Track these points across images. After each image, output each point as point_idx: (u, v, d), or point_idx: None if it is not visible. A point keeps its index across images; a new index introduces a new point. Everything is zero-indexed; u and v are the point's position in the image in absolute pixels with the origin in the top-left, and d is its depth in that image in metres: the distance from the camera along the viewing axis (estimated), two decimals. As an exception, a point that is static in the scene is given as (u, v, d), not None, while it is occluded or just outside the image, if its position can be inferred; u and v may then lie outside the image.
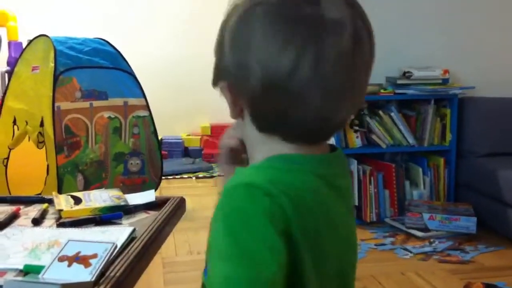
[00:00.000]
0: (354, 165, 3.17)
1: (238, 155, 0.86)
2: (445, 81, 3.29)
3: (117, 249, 0.99)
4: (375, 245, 2.88)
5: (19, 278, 0.92)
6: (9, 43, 4.37)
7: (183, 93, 5.31)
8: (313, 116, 0.65)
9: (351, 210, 0.76)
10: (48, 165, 2.77)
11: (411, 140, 3.24)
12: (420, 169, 3.30)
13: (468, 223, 2.96)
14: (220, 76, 0.70)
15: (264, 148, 0.70)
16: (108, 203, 1.30)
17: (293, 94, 0.64)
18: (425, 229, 3.00)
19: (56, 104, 2.79)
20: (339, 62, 0.63)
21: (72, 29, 4.37)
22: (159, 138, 3.52)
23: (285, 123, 0.66)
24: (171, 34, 5.29)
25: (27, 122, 2.87)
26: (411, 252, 2.78)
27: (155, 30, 5.29)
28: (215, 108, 4.80)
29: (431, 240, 2.93)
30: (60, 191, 2.64)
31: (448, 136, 3.27)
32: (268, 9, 0.64)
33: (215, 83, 0.72)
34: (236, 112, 0.71)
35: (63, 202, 1.30)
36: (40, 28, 3.69)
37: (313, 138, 0.70)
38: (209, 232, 0.66)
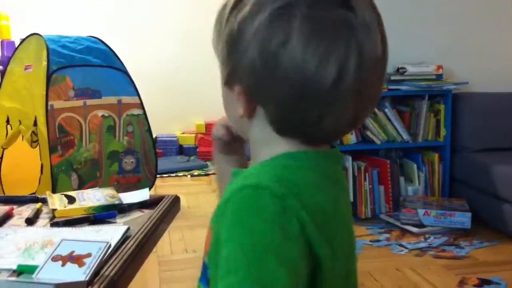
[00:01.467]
0: (349, 162, 3.18)
1: (230, 144, 0.84)
2: (438, 77, 3.29)
3: (111, 248, 0.98)
4: (370, 241, 2.88)
5: (13, 278, 0.92)
6: (2, 42, 4.35)
7: (177, 91, 5.31)
8: (346, 122, 0.64)
9: (349, 206, 0.75)
10: (42, 165, 2.76)
11: (405, 136, 3.24)
12: (415, 165, 3.31)
13: (463, 219, 2.97)
14: (237, 77, 0.64)
15: (274, 145, 0.66)
16: (102, 202, 1.30)
17: (333, 102, 0.61)
18: (420, 225, 3.01)
19: (50, 103, 2.78)
20: (375, 68, 0.62)
21: (65, 27, 4.36)
22: (154, 136, 3.51)
23: (316, 128, 0.63)
24: (166, 33, 5.28)
25: (20, 122, 2.86)
26: (406, 248, 2.78)
27: (150, 29, 5.28)
28: (210, 106, 4.80)
29: (426, 235, 2.94)
30: (54, 191, 2.63)
31: (443, 132, 3.27)
32: (305, 12, 0.58)
33: (229, 83, 0.66)
34: (247, 113, 0.65)
35: (56, 201, 1.30)
36: (33, 27, 3.66)
37: (330, 141, 0.69)
38: (208, 235, 0.63)
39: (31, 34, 3.02)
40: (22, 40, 3.08)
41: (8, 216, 1.25)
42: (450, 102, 3.25)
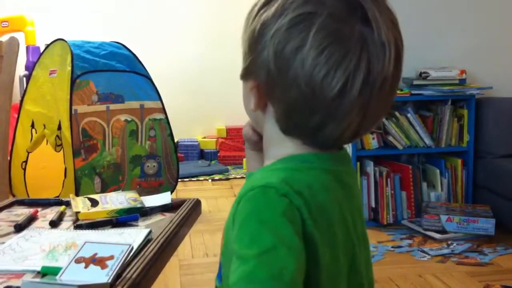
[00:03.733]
0: (370, 167, 3.16)
1: (258, 143, 0.87)
2: (462, 82, 3.26)
3: (133, 250, 0.99)
4: (392, 247, 2.86)
5: (37, 280, 0.93)
6: (27, 48, 4.43)
7: (198, 95, 5.34)
8: (349, 133, 0.66)
9: (359, 207, 0.76)
10: (65, 168, 2.80)
11: (428, 141, 3.21)
12: (438, 171, 3.27)
13: (487, 225, 2.93)
14: (252, 73, 0.68)
15: (280, 146, 0.70)
16: (125, 205, 1.31)
17: (336, 112, 0.63)
18: (443, 231, 2.98)
19: (73, 108, 2.82)
20: (383, 86, 0.64)
21: (89, 32, 4.42)
22: (175, 140, 3.53)
23: (317, 134, 0.66)
24: (187, 38, 5.31)
25: (45, 126, 2.90)
26: (428, 254, 2.75)
27: (171, 34, 5.32)
28: (231, 110, 4.83)
29: (449, 242, 2.91)
30: (77, 194, 2.66)
31: (466, 137, 3.24)
32: (324, 22, 0.61)
33: (245, 78, 0.70)
34: (260, 107, 0.70)
35: (80, 204, 1.32)
36: (58, 32, 3.72)
37: (333, 146, 0.71)
38: (223, 236, 0.67)
39: (56, 40, 3.06)
40: (47, 46, 3.13)
41: (33, 219, 1.27)
42: (474, 107, 3.21)
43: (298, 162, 0.68)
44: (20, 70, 4.31)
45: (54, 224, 1.22)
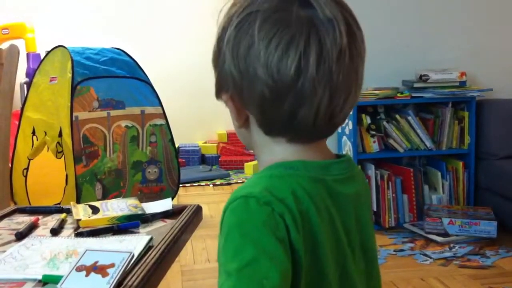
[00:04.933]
0: (371, 170, 3.16)
1: None
2: (462, 84, 3.26)
3: (134, 258, 0.99)
4: (394, 250, 2.85)
5: (38, 288, 0.93)
6: (28, 55, 4.44)
7: (199, 100, 5.33)
8: (322, 114, 0.67)
9: (359, 217, 0.74)
10: (66, 175, 2.80)
11: (429, 144, 3.21)
12: (439, 173, 3.27)
13: (489, 227, 2.93)
14: (222, 87, 0.71)
15: (268, 152, 0.72)
16: (126, 212, 1.31)
17: (302, 94, 0.65)
18: (445, 234, 2.97)
19: (74, 114, 2.82)
20: (340, 58, 0.65)
21: (89, 39, 4.42)
22: (176, 146, 3.53)
23: (293, 123, 0.67)
24: (186, 42, 5.32)
25: (46, 133, 2.91)
26: (430, 257, 2.75)
27: (171, 38, 5.33)
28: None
29: (451, 245, 2.90)
30: (78, 201, 2.66)
31: (467, 139, 3.23)
32: (264, 15, 0.65)
33: (218, 95, 0.73)
34: (242, 121, 0.73)
35: (80, 211, 1.32)
36: (58, 39, 3.73)
37: (317, 136, 0.71)
38: (218, 239, 0.67)
39: (56, 46, 3.07)
40: (48, 53, 3.14)
41: (33, 227, 1.27)
42: (474, 109, 3.21)
43: (283, 169, 0.69)
44: (21, 77, 4.32)
45: (55, 232, 1.22)
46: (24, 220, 1.33)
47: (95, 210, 1.33)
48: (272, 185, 0.65)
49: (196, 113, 5.33)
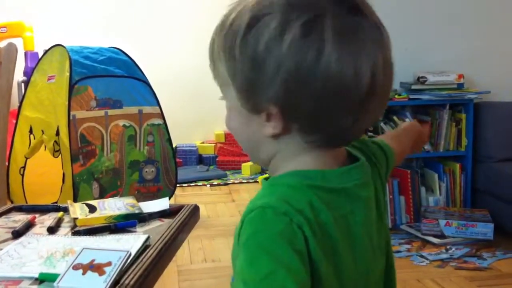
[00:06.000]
0: (369, 172, 3.15)
1: None
2: (460, 86, 3.26)
3: (131, 257, 0.99)
4: (391, 252, 2.85)
5: (35, 287, 0.93)
6: (26, 53, 4.43)
7: (196, 100, 5.33)
8: (367, 120, 0.66)
9: (380, 218, 0.74)
10: (63, 174, 2.80)
11: (426, 146, 3.22)
12: (436, 175, 3.27)
13: (485, 229, 2.93)
14: (267, 99, 0.63)
15: (297, 158, 0.68)
16: (123, 211, 1.31)
17: (366, 106, 0.64)
18: (442, 236, 2.97)
19: (72, 113, 2.82)
20: (387, 69, 0.65)
21: (88, 38, 4.42)
22: (174, 146, 3.53)
23: (345, 133, 0.66)
24: (185, 42, 5.32)
25: (43, 131, 2.90)
26: (427, 259, 2.75)
27: (168, 38, 5.32)
28: (229, 115, 4.81)
29: (448, 246, 2.90)
30: (76, 200, 2.66)
31: (464, 141, 3.24)
32: (333, 22, 0.61)
33: (257, 108, 0.65)
34: (278, 131, 0.66)
35: (78, 210, 1.31)
36: (56, 37, 3.72)
37: (349, 141, 0.70)
38: (233, 246, 0.66)
39: (55, 45, 3.06)
40: (46, 51, 3.13)
41: (30, 225, 1.27)
42: (472, 112, 3.21)
43: (299, 178, 0.66)
44: (18, 75, 4.31)
45: (52, 230, 1.22)
46: (20, 218, 1.33)
47: (92, 209, 1.33)
48: (290, 195, 0.63)
49: (194, 113, 5.32)
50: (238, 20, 0.64)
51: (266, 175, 0.75)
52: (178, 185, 3.60)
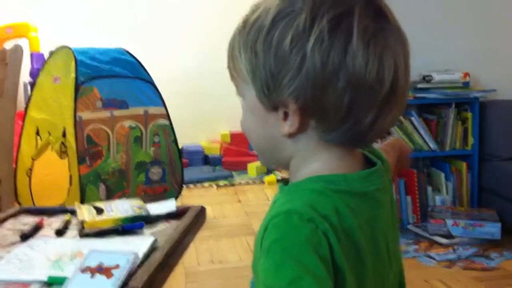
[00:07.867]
0: (375, 171, 3.15)
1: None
2: (465, 85, 3.25)
3: (138, 259, 0.99)
4: (398, 252, 2.84)
5: (43, 290, 0.93)
6: (31, 55, 4.44)
7: (202, 100, 5.33)
8: (388, 120, 0.66)
9: (393, 223, 0.74)
10: (70, 175, 2.80)
11: (432, 145, 3.21)
12: (443, 174, 3.26)
13: (493, 229, 2.92)
14: (288, 95, 0.63)
15: (313, 162, 0.67)
16: (130, 213, 1.31)
17: (388, 106, 0.64)
18: (449, 236, 2.96)
19: (78, 114, 2.83)
20: (407, 71, 0.65)
21: (93, 39, 4.43)
22: (180, 146, 3.53)
23: (365, 133, 0.65)
24: (189, 42, 5.32)
25: (49, 133, 2.91)
26: (434, 259, 2.74)
27: (174, 38, 5.33)
28: (235, 115, 4.79)
29: (455, 247, 2.89)
30: (82, 201, 2.66)
31: (470, 140, 3.23)
32: (359, 21, 0.61)
33: (277, 105, 0.65)
34: (295, 129, 0.65)
35: (85, 212, 1.32)
36: (61, 38, 3.73)
37: (368, 142, 0.70)
38: (254, 249, 0.65)
39: (60, 47, 3.07)
40: (51, 53, 3.14)
41: (38, 228, 1.27)
42: (478, 110, 3.20)
43: (324, 183, 0.65)
44: (24, 77, 4.32)
45: (60, 233, 1.23)
46: (29, 221, 1.33)
47: (99, 211, 1.33)
48: (315, 200, 0.62)
49: (199, 113, 5.32)
50: (263, 17, 0.64)
51: (282, 179, 0.74)
52: (184, 185, 3.60)
